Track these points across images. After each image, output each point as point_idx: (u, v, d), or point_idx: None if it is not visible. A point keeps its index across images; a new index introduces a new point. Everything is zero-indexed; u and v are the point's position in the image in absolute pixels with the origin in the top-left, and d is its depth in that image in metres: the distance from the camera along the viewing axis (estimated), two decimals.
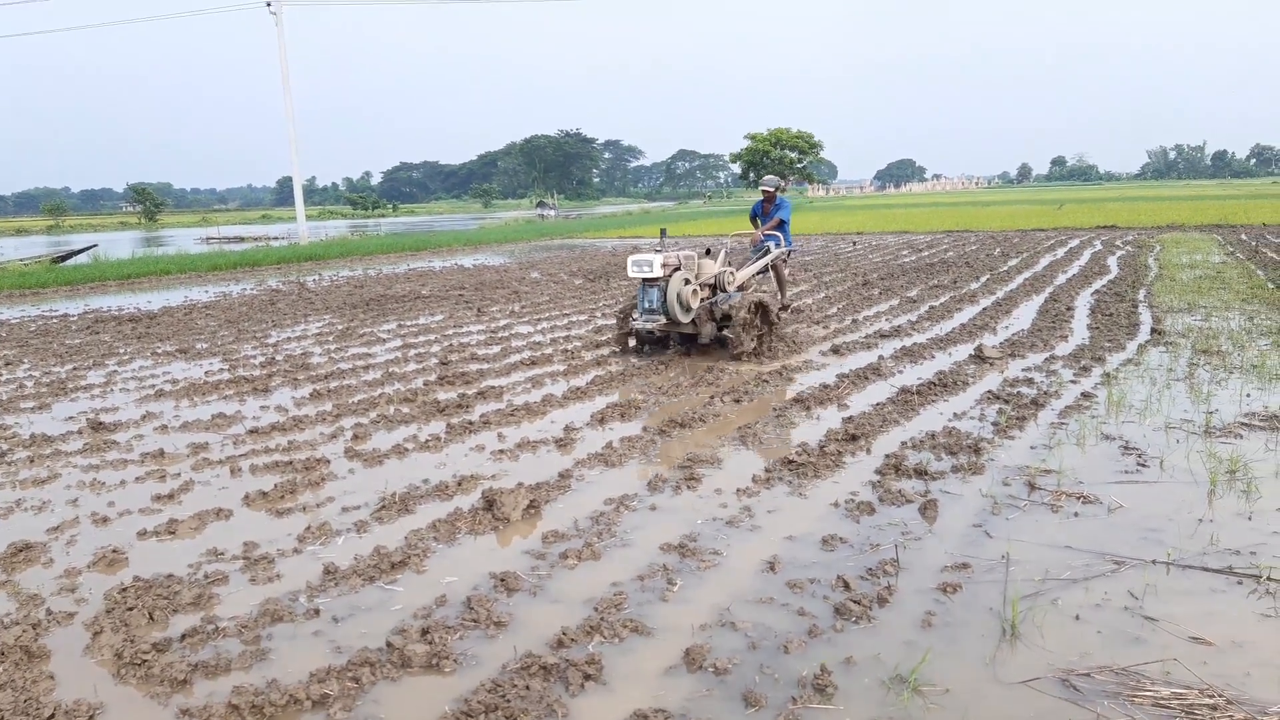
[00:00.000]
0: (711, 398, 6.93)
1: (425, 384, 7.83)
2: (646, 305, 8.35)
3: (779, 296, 10.87)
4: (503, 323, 11.52)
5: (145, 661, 3.23)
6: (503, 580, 3.84)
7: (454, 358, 8.98)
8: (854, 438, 5.72)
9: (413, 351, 9.54)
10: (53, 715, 2.91)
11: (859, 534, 4.29)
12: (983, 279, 14.67)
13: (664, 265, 8.24)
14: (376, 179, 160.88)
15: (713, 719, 2.81)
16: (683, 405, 6.80)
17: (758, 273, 10.19)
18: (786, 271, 11.29)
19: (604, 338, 9.87)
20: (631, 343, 9.13)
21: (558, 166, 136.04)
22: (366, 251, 27.14)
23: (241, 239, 40.55)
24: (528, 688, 2.97)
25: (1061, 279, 14.28)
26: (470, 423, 6.40)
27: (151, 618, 3.60)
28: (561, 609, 3.60)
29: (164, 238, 48.93)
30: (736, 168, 71.99)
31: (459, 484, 5.16)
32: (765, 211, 11.13)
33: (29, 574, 4.13)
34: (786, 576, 3.83)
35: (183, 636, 3.42)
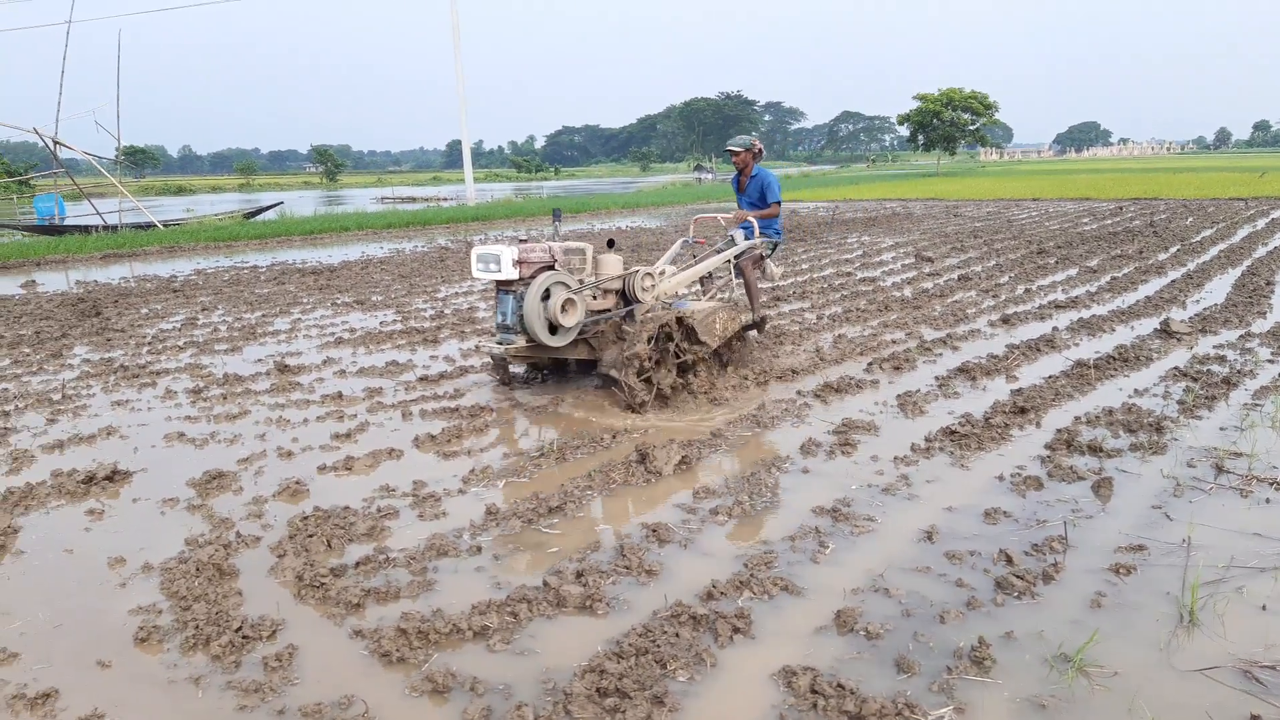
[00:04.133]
0: (871, 363, 6.77)
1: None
2: (500, 319, 5.85)
3: (748, 310, 7.49)
4: None
5: (323, 584, 3.46)
6: (654, 531, 3.89)
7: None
8: (1022, 410, 5.46)
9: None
10: (240, 628, 3.16)
11: (1025, 509, 4.11)
12: (1172, 249, 13.64)
13: (521, 262, 5.67)
14: (540, 142, 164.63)
15: (863, 681, 2.77)
16: (832, 371, 6.67)
17: (706, 275, 7.33)
18: (762, 272, 7.81)
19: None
20: (517, 370, 6.69)
21: (717, 129, 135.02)
22: (529, 213, 27.82)
23: (413, 199, 42.42)
24: (677, 635, 3.01)
25: (1261, 252, 13.10)
26: None
27: (329, 545, 3.86)
28: (711, 563, 3.63)
29: (343, 197, 51.76)
30: (904, 130, 69.14)
31: (613, 436, 5.26)
32: (742, 187, 7.84)
33: (221, 500, 4.49)
34: (945, 547, 3.71)
35: (356, 564, 3.65)
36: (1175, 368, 6.38)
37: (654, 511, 4.19)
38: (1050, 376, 6.27)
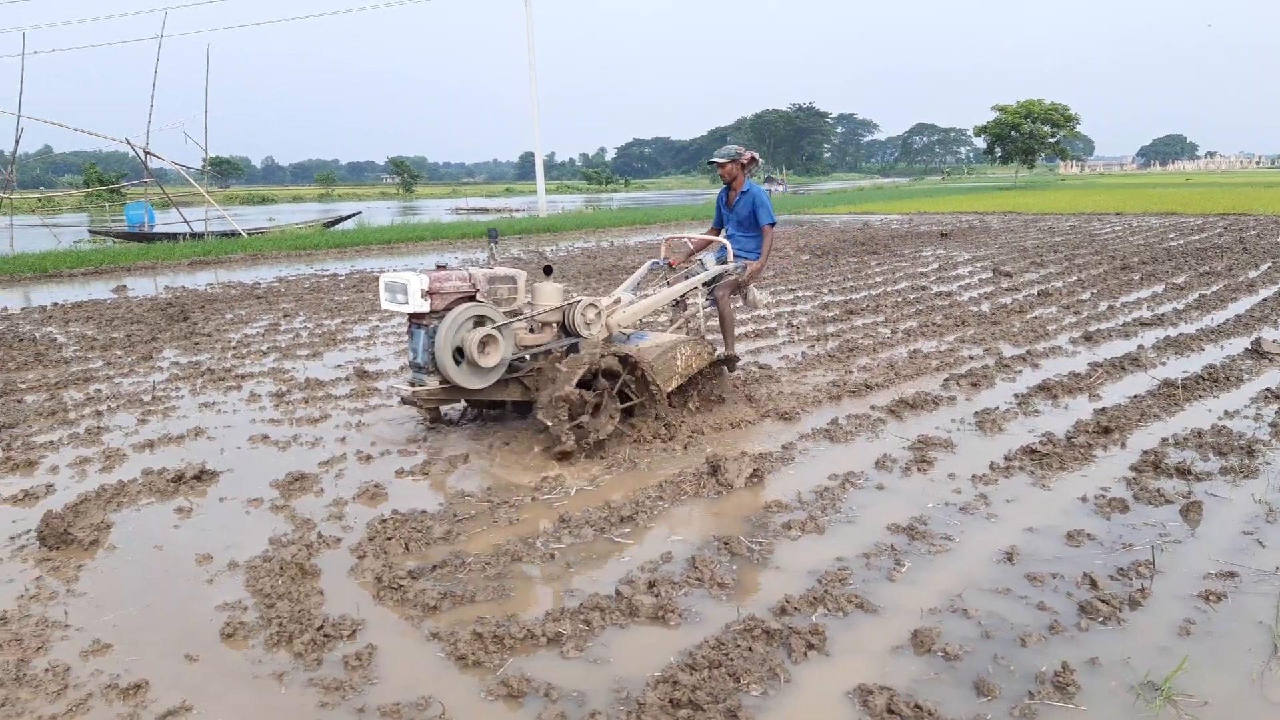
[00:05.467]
0: (948, 379, 6.65)
1: None
2: (411, 356, 5.24)
3: (717, 347, 6.47)
4: None
5: (401, 586, 3.53)
6: (725, 544, 3.88)
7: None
8: (1106, 430, 5.31)
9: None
10: (321, 626, 3.23)
11: (1109, 532, 3.99)
12: (1263, 267, 13.12)
13: (433, 293, 4.99)
14: (610, 154, 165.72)
15: (941, 703, 2.71)
16: (907, 387, 6.57)
17: (677, 302, 6.64)
18: (743, 300, 6.80)
19: (830, 314, 9.69)
20: (449, 411, 6.04)
21: (788, 141, 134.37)
22: (600, 224, 28.02)
23: (486, 210, 43.08)
24: (750, 649, 3.00)
25: None
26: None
27: (407, 548, 3.93)
28: (784, 577, 3.60)
29: (418, 207, 52.82)
30: (981, 142, 67.94)
31: (684, 447, 5.26)
32: (730, 203, 6.84)
33: (303, 501, 4.61)
34: (1025, 569, 3.63)
35: (433, 567, 3.71)
36: (1267, 389, 6.14)
37: (725, 524, 4.17)
38: (1135, 396, 6.08)
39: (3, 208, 26.99)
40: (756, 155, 6.72)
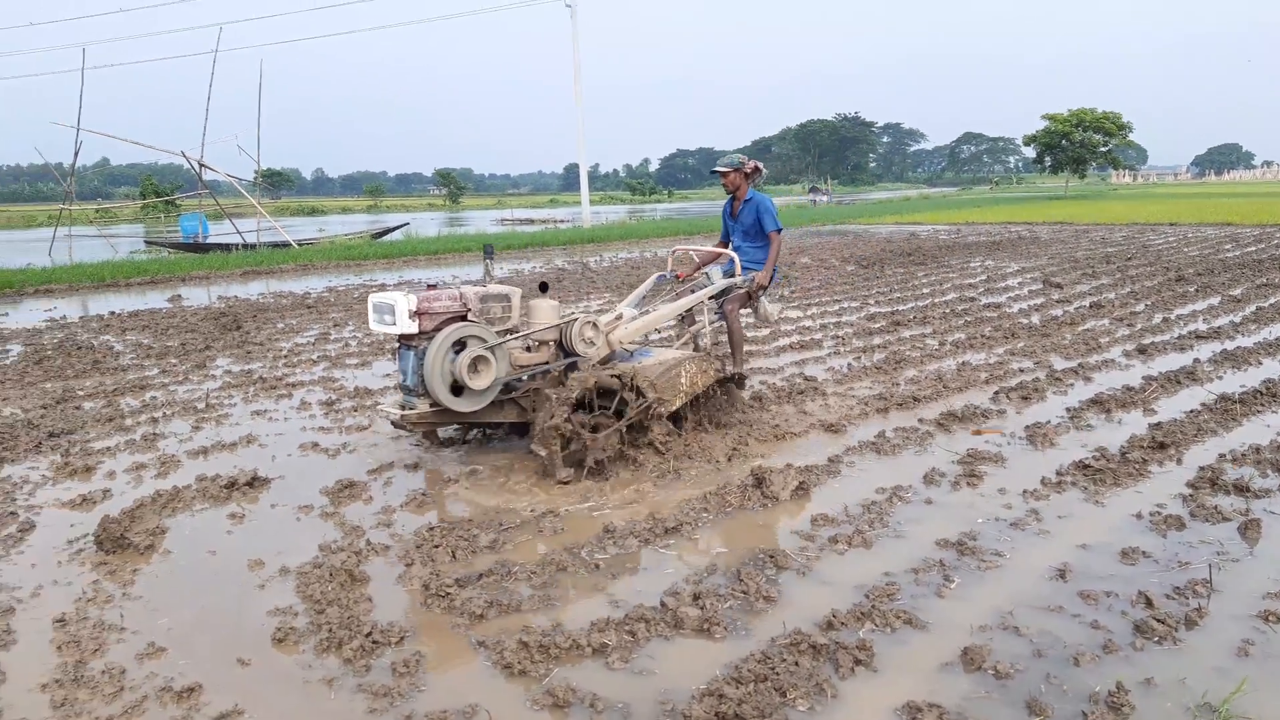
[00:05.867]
0: (998, 392, 6.56)
1: None
2: (401, 379, 5.02)
3: (725, 363, 6.30)
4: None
5: (448, 594, 3.56)
6: (771, 557, 3.86)
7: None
8: (1162, 446, 5.20)
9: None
10: (370, 633, 3.27)
11: (1165, 549, 3.90)
12: None
13: (422, 313, 4.78)
14: (654, 165, 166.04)
15: None
16: (956, 399, 6.48)
17: (673, 319, 6.39)
18: (754, 314, 6.67)
19: (876, 325, 9.61)
20: (456, 432, 5.78)
21: (833, 151, 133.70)
22: (643, 235, 28.08)
23: (531, 221, 43.42)
24: (796, 663, 2.97)
25: None
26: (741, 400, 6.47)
27: (454, 556, 3.96)
28: (830, 591, 3.57)
29: (464, 218, 53.39)
30: (1030, 151, 66.87)
31: (728, 458, 5.24)
32: (735, 213, 6.73)
33: (353, 508, 4.67)
34: (1078, 586, 3.56)
35: (479, 576, 3.74)
36: None
37: (771, 537, 4.15)
38: (1192, 411, 5.94)
39: (62, 219, 27.75)
40: (760, 165, 6.63)
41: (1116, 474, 4.77)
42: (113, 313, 12.30)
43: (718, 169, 6.56)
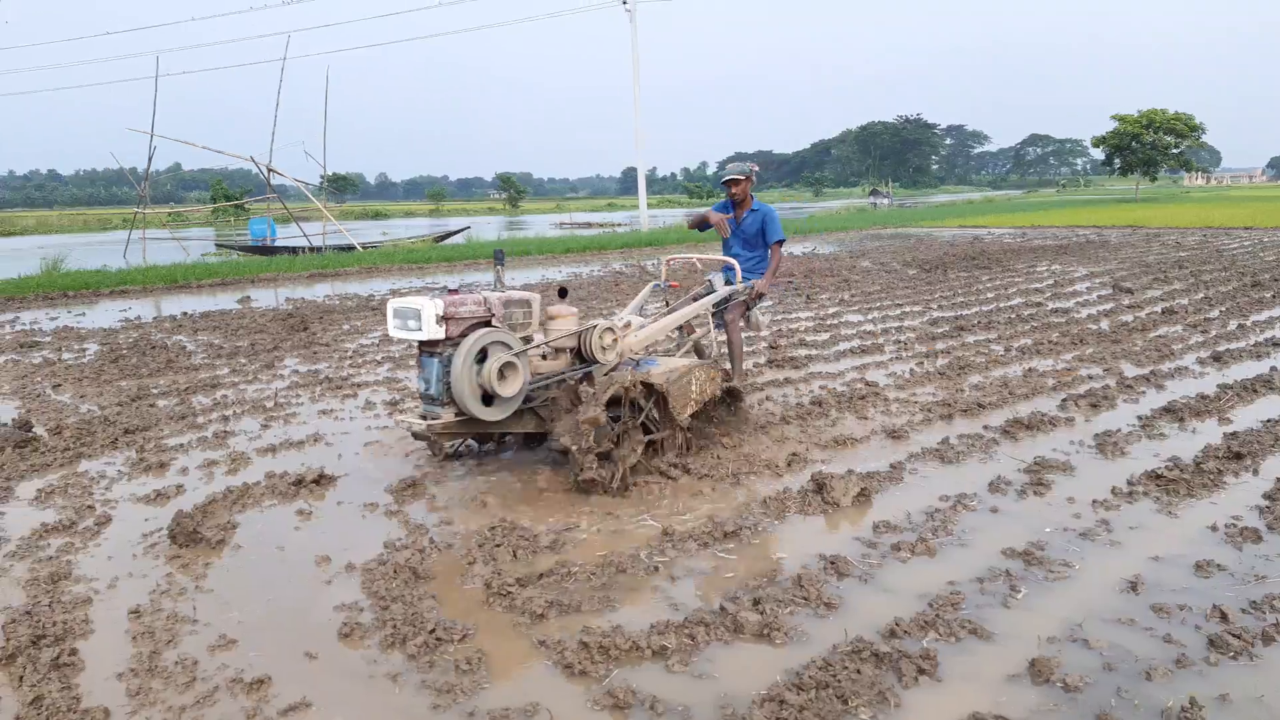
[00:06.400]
0: (1066, 399, 6.41)
1: (754, 365, 7.97)
2: (423, 387, 4.78)
3: (728, 370, 6.37)
4: (832, 310, 11.41)
5: (509, 593, 3.59)
6: (832, 563, 3.82)
7: (782, 342, 9.04)
8: (1238, 456, 5.03)
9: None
10: (434, 629, 3.32)
11: (1241, 563, 3.78)
12: None
13: (449, 318, 4.59)
14: (712, 168, 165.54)
15: None
16: (1022, 406, 6.35)
17: (679, 326, 6.22)
18: (745, 323, 6.62)
19: (940, 330, 9.46)
20: (452, 446, 5.62)
21: (894, 153, 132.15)
22: (700, 238, 28.02)
23: (589, 225, 43.64)
24: (858, 671, 2.94)
25: None
26: (800, 405, 6.42)
27: (515, 555, 4.00)
28: (893, 599, 3.52)
29: (524, 222, 53.88)
30: (1099, 153, 65.18)
31: (788, 463, 5.20)
32: (738, 220, 6.76)
33: (416, 507, 4.74)
34: (1151, 599, 3.46)
35: (539, 576, 3.77)
36: None
37: (832, 543, 4.11)
38: (1269, 420, 5.74)
39: (136, 222, 28.66)
40: (756, 167, 6.74)
41: (1190, 484, 4.63)
42: (185, 313, 12.66)
43: (732, 177, 6.58)
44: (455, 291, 4.73)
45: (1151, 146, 59.16)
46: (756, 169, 6.63)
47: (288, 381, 7.90)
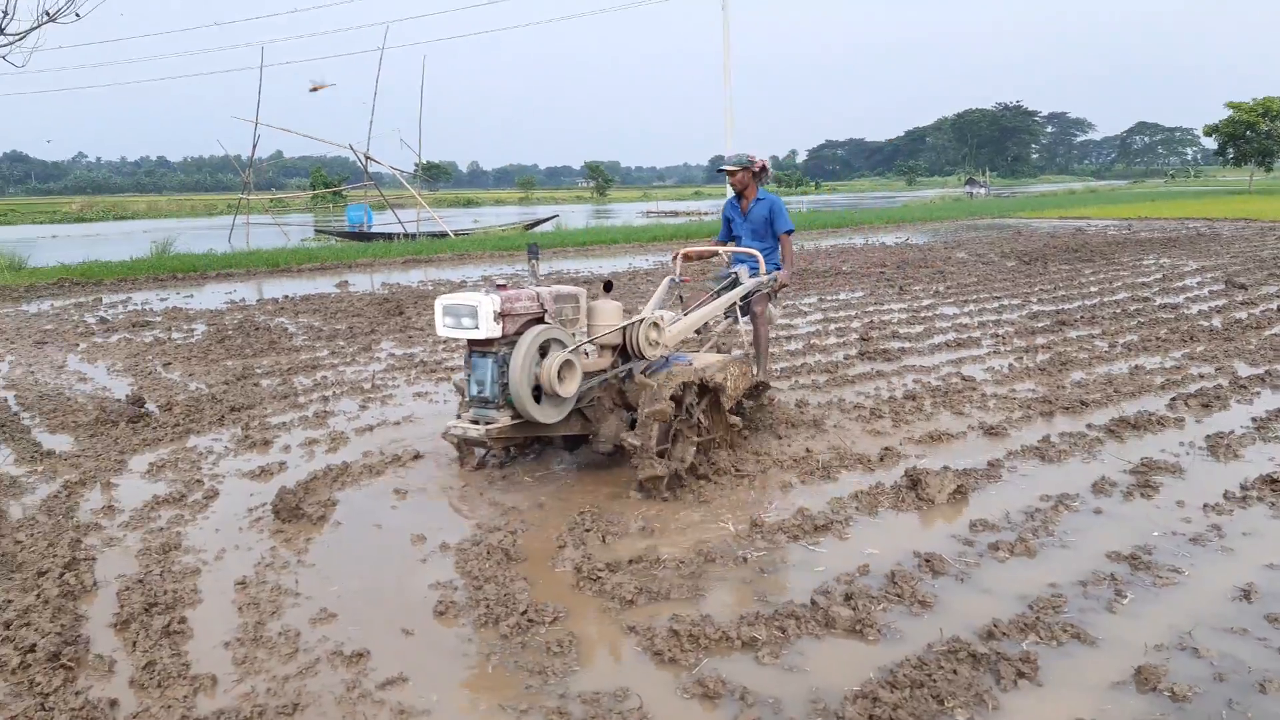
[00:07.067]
0: (1175, 398, 6.14)
1: (845, 358, 7.85)
2: (476, 390, 4.52)
3: (754, 366, 6.02)
4: (926, 302, 11.16)
5: (599, 578, 3.62)
6: (927, 561, 3.74)
7: (874, 334, 8.89)
8: None
9: (833, 325, 9.61)
10: (525, 611, 3.36)
11: None
12: None
13: (506, 315, 4.35)
14: (802, 156, 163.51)
15: None
16: (1128, 405, 6.11)
17: (712, 319, 5.92)
18: (773, 315, 6.44)
19: (1040, 324, 9.17)
20: (483, 455, 5.19)
21: (992, 142, 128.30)
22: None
23: (676, 213, 43.60)
24: (955, 672, 2.88)
25: None
26: (894, 399, 6.30)
27: (604, 540, 4.04)
28: (991, 600, 3.44)
29: (611, 210, 54.18)
30: (1210, 142, 62.10)
31: (880, 458, 5.12)
32: (744, 212, 6.53)
33: (507, 489, 4.81)
34: (1265, 609, 3.30)
35: (629, 561, 3.79)
36: None
37: (926, 540, 4.03)
38: None
39: (240, 207, 29.76)
40: (767, 163, 6.42)
41: None
42: (286, 296, 13.10)
43: (727, 167, 6.39)
44: (504, 286, 4.48)
45: (1268, 136, 56.05)
46: (763, 162, 6.40)
47: (384, 364, 8.11)
